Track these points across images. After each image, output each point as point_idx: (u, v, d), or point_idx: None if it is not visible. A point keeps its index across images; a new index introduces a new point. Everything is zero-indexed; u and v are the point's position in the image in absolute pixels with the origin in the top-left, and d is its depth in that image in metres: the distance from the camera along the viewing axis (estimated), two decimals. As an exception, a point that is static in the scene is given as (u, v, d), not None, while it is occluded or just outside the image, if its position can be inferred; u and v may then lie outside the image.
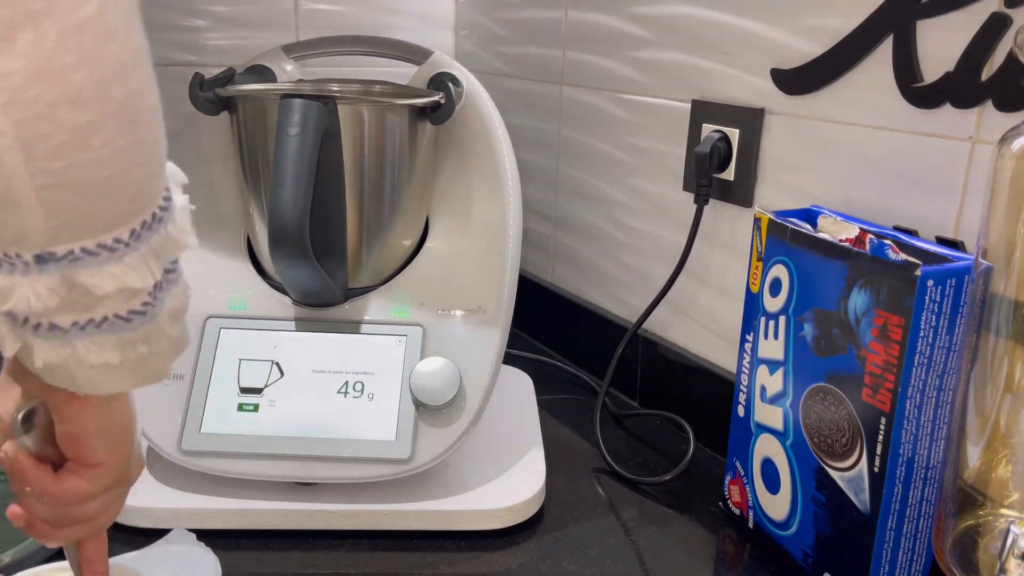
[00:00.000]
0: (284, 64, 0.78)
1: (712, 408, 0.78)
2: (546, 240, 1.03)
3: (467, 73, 0.74)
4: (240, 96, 0.68)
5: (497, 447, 0.73)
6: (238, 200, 0.74)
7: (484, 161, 0.72)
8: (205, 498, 0.64)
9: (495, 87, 1.07)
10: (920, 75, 0.59)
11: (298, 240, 0.61)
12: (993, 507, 0.48)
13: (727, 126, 0.74)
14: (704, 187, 0.75)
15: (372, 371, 0.67)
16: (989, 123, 0.55)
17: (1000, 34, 0.53)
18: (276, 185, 0.61)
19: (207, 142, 0.74)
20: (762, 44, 0.70)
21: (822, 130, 0.66)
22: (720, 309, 0.78)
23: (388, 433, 0.64)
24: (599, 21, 0.89)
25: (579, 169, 0.95)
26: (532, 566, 0.62)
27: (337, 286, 0.68)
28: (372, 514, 0.64)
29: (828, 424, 0.56)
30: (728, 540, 0.67)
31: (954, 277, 0.50)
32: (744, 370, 0.65)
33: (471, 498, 0.66)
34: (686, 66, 0.78)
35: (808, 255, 0.57)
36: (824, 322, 0.56)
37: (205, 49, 1.00)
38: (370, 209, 0.69)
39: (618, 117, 0.88)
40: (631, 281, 0.90)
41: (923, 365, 0.51)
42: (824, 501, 0.58)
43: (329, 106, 0.63)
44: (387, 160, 0.68)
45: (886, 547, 0.55)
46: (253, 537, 0.64)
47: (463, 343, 0.68)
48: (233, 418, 0.65)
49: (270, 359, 0.67)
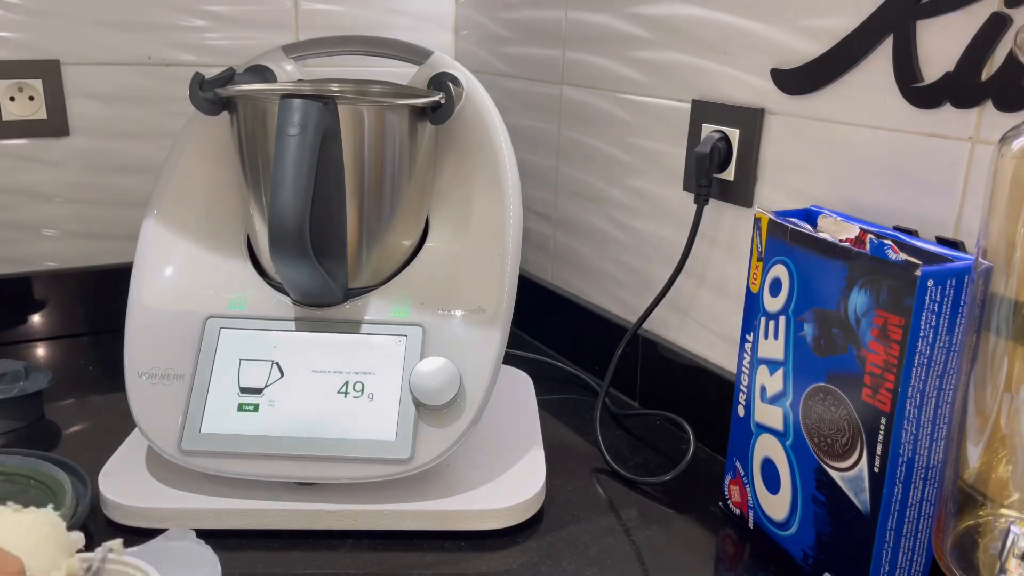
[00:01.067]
0: (284, 64, 0.78)
1: (712, 408, 0.78)
2: (546, 240, 1.03)
3: (467, 73, 0.74)
4: (240, 96, 0.68)
5: (497, 447, 0.73)
6: (238, 200, 0.74)
7: (484, 161, 0.72)
8: (205, 498, 0.64)
9: (495, 87, 1.07)
10: (920, 75, 0.59)
11: (298, 240, 0.61)
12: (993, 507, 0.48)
13: (727, 126, 0.74)
14: (704, 187, 0.75)
15: (372, 371, 0.67)
16: (989, 123, 0.55)
17: (1000, 34, 0.53)
18: (276, 185, 0.61)
19: (207, 142, 0.74)
20: (762, 44, 0.70)
21: (822, 130, 0.66)
22: (720, 309, 0.78)
23: (388, 433, 0.64)
24: (599, 21, 0.89)
25: (579, 169, 0.95)
26: (532, 566, 0.62)
27: (337, 286, 0.68)
28: (372, 514, 0.64)
29: (828, 424, 0.56)
30: (728, 540, 0.67)
31: (954, 277, 0.50)
32: (744, 370, 0.65)
33: (471, 498, 0.66)
34: (686, 66, 0.78)
35: (808, 255, 0.57)
36: (824, 322, 0.56)
37: (205, 49, 1.01)
38: (370, 209, 0.69)
39: (618, 117, 0.88)
40: (631, 281, 0.90)
41: (923, 365, 0.51)
42: (824, 501, 0.58)
43: (329, 106, 0.63)
44: (387, 160, 0.68)
45: (886, 547, 0.55)
46: (253, 537, 0.64)
47: (463, 343, 0.68)
48: (233, 418, 0.65)
49: (270, 359, 0.67)
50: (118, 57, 0.97)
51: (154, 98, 1.00)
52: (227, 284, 0.71)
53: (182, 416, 0.65)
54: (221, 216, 0.74)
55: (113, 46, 0.96)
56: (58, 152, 0.97)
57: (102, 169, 0.99)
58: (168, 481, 0.66)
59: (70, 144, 0.97)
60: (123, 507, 0.64)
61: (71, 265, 1.00)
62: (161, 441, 0.65)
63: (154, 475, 0.67)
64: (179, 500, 0.64)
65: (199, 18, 1.00)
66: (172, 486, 0.66)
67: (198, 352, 0.67)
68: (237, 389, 0.66)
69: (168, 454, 0.64)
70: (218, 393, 0.66)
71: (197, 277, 0.71)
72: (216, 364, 0.67)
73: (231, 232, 0.74)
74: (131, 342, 0.68)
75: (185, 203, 0.73)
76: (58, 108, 0.95)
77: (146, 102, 0.99)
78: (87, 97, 0.96)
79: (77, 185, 0.99)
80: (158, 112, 1.00)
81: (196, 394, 0.65)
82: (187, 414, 0.65)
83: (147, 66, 0.98)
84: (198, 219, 0.73)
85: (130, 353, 0.68)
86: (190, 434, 0.64)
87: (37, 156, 0.96)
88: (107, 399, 0.85)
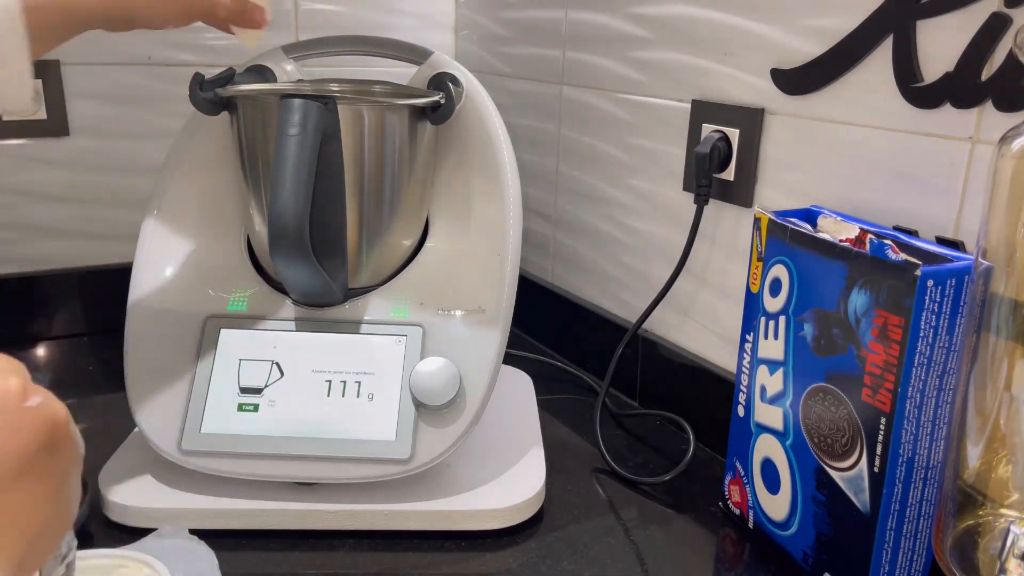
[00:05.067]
0: (284, 64, 0.78)
1: (712, 408, 0.78)
2: (546, 240, 1.03)
3: (467, 73, 0.74)
4: (240, 96, 0.68)
5: (497, 447, 0.73)
6: (238, 200, 0.74)
7: (484, 161, 0.72)
8: (205, 498, 0.64)
9: (495, 87, 1.07)
10: (920, 75, 0.59)
11: (298, 240, 0.61)
12: (993, 507, 0.48)
13: (727, 126, 0.74)
14: (704, 187, 0.75)
15: (372, 371, 0.67)
16: (989, 123, 0.55)
17: (1000, 34, 0.53)
18: (276, 185, 0.61)
19: (207, 142, 0.74)
20: (762, 44, 0.70)
21: (822, 130, 0.66)
22: (720, 309, 0.78)
23: (388, 433, 0.64)
24: (599, 21, 0.89)
25: (579, 169, 0.95)
26: (532, 566, 0.62)
27: (337, 286, 0.68)
28: (372, 514, 0.64)
29: (828, 424, 0.56)
30: (728, 540, 0.67)
31: (954, 277, 0.50)
32: (744, 370, 0.65)
33: (471, 498, 0.66)
34: (686, 66, 0.78)
35: (808, 255, 0.57)
36: (824, 322, 0.56)
37: (205, 49, 1.01)
38: (370, 209, 0.69)
39: (618, 117, 0.88)
40: (631, 281, 0.90)
41: (923, 365, 0.51)
42: (824, 501, 0.58)
43: (329, 106, 0.63)
44: (387, 160, 0.68)
45: (886, 547, 0.55)
46: (253, 537, 0.64)
47: (463, 343, 0.68)
48: (233, 418, 0.65)
49: (270, 359, 0.67)
50: (118, 57, 0.97)
51: (154, 98, 1.00)
52: (227, 284, 0.71)
53: (182, 416, 0.65)
54: (221, 216, 0.74)
55: (113, 46, 0.96)
56: (58, 152, 0.97)
57: (102, 169, 0.99)
58: (168, 481, 0.66)
59: (70, 144, 0.97)
60: (123, 507, 0.64)
61: (71, 265, 1.00)
62: (161, 441, 0.65)
63: (154, 475, 0.67)
64: (179, 500, 0.64)
65: (199, 18, 0.99)
66: (172, 486, 0.66)
67: (198, 352, 0.67)
68: (237, 389, 0.66)
69: (168, 454, 0.64)
70: (218, 393, 0.65)
71: (197, 277, 0.71)
72: (216, 364, 0.67)
73: (231, 232, 0.74)
74: (131, 342, 0.68)
75: (185, 203, 0.73)
76: (58, 108, 0.95)
77: (146, 102, 0.99)
78: (87, 97, 0.96)
79: (77, 185, 0.99)
80: (158, 112, 1.00)
81: (196, 394, 0.65)
82: (187, 414, 0.65)
83: (147, 66, 0.98)
84: (198, 219, 0.73)
85: (130, 353, 0.68)
86: (190, 434, 0.64)
87: (37, 156, 0.96)
88: (107, 399, 0.85)
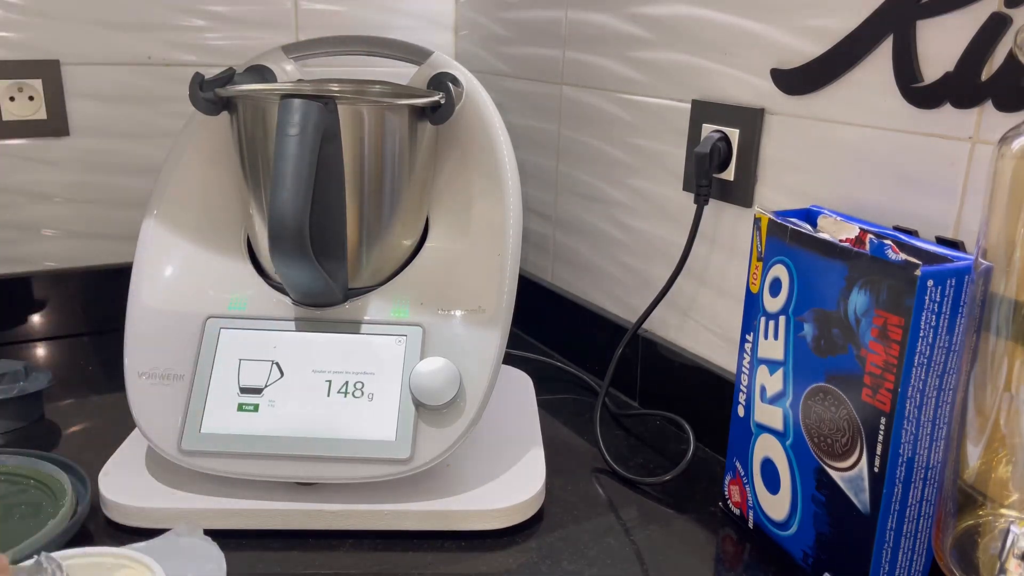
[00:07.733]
0: (284, 64, 0.78)
1: (712, 408, 0.78)
2: (546, 240, 1.03)
3: (467, 73, 0.74)
4: (240, 96, 0.68)
5: (497, 447, 0.73)
6: (238, 200, 0.74)
7: (484, 161, 0.72)
8: (205, 498, 0.64)
9: (495, 87, 1.07)
10: (920, 75, 0.59)
11: (298, 240, 0.61)
12: (993, 507, 0.48)
13: (727, 126, 0.74)
14: (704, 187, 0.75)
15: (372, 371, 0.67)
16: (989, 123, 0.55)
17: (1000, 34, 0.53)
18: (276, 185, 0.61)
19: (207, 142, 0.74)
20: (762, 44, 0.70)
21: (822, 130, 0.66)
22: (720, 309, 0.78)
23: (388, 433, 0.64)
24: (599, 21, 0.89)
25: (579, 169, 0.95)
26: (532, 566, 0.62)
27: (337, 286, 0.68)
28: (372, 514, 0.64)
29: (828, 424, 0.56)
30: (728, 540, 0.67)
31: (954, 277, 0.50)
32: (744, 370, 0.65)
33: (471, 498, 0.66)
34: (686, 66, 0.78)
35: (808, 255, 0.57)
36: (824, 322, 0.56)
37: (205, 49, 1.01)
38: (370, 209, 0.69)
39: (618, 117, 0.88)
40: (631, 281, 0.90)
41: (923, 365, 0.51)
42: (824, 501, 0.58)
43: (329, 106, 0.63)
44: (387, 160, 0.68)
45: (886, 547, 0.55)
46: (253, 537, 0.64)
47: (463, 343, 0.68)
48: (233, 418, 0.65)
49: (270, 359, 0.67)
50: (118, 57, 0.97)
51: (154, 98, 1.00)
52: (227, 284, 0.71)
53: (182, 416, 0.65)
54: (221, 216, 0.74)
55: (113, 46, 0.96)
56: (58, 152, 0.97)
57: (102, 169, 0.99)
58: (168, 481, 0.66)
59: (70, 144, 0.97)
60: (123, 507, 0.64)
61: (71, 265, 1.00)
62: (161, 441, 0.65)
63: (154, 475, 0.67)
64: (179, 500, 0.64)
65: (199, 18, 1.00)
66: (172, 486, 0.66)
67: (198, 352, 0.67)
68: (237, 389, 0.66)
69: (168, 454, 0.64)
70: (218, 393, 0.66)
71: (197, 277, 0.71)
72: (216, 364, 0.67)
73: (231, 232, 0.74)
74: (131, 342, 0.68)
75: (185, 203, 0.73)
76: (58, 108, 0.95)
77: (146, 102, 0.99)
78: (87, 97, 0.96)
79: (77, 185, 0.99)
80: (158, 112, 1.00)
81: (196, 394, 0.65)
82: (187, 414, 0.65)
83: (147, 66, 0.98)
84: (198, 219, 0.73)
85: (130, 353, 0.68)
86: (190, 434, 0.64)
87: (37, 156, 0.96)
88: (107, 399, 0.85)
